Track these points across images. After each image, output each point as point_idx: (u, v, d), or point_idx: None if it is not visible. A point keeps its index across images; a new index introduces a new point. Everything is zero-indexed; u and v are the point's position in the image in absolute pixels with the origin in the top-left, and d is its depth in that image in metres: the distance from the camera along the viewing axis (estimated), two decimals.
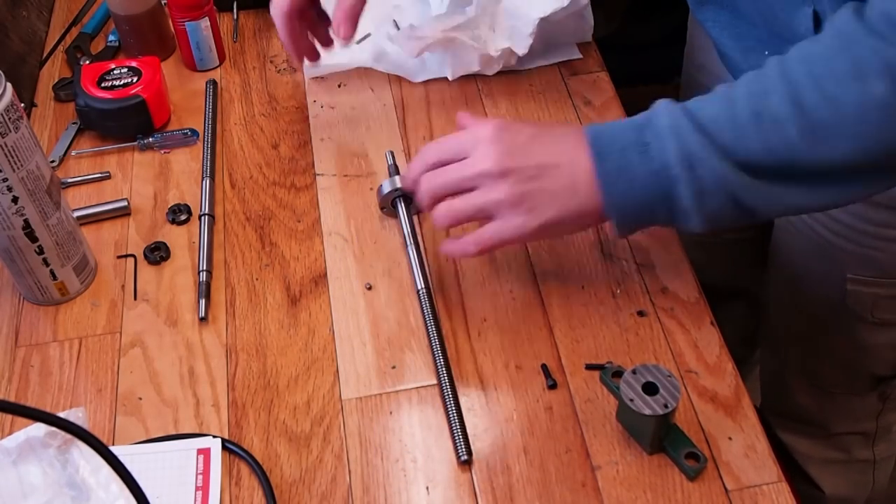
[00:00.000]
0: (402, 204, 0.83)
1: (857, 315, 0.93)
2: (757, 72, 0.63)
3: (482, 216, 0.71)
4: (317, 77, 1.01)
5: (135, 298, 0.81)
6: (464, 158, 0.71)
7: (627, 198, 0.67)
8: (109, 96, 0.93)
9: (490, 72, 0.98)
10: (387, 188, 0.83)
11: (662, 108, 0.66)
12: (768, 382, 0.74)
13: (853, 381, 1.03)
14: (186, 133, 0.95)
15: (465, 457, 0.69)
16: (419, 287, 0.78)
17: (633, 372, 0.66)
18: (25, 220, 0.74)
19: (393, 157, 0.87)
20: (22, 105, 0.71)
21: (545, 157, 0.69)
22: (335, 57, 1.01)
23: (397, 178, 0.82)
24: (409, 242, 0.81)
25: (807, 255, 0.93)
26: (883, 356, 0.98)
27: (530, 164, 0.69)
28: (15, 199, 0.72)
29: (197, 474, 0.69)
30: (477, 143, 0.70)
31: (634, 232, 0.72)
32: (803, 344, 1.04)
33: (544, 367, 0.74)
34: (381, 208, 0.85)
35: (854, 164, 0.62)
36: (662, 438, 0.67)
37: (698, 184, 0.64)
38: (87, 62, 1.03)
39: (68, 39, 1.08)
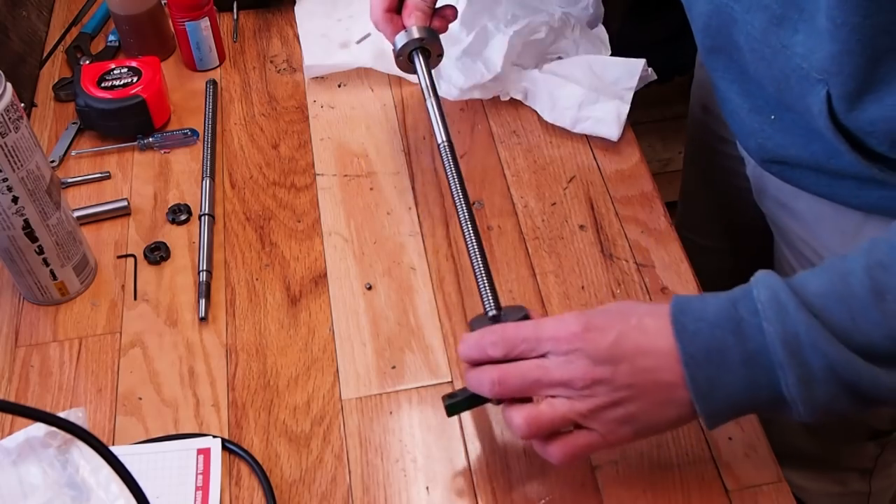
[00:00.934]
0: (420, 57, 0.82)
1: None
2: (733, 126, 0.58)
3: (564, 426, 0.61)
4: (317, 77, 1.01)
5: (135, 298, 0.81)
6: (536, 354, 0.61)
7: (717, 386, 0.56)
8: (109, 96, 0.93)
9: (503, 98, 0.97)
10: (401, 40, 0.81)
11: (761, 279, 0.57)
12: (764, 426, 0.72)
13: (851, 433, 1.03)
14: (186, 133, 0.95)
15: (493, 312, 0.66)
16: (440, 141, 0.77)
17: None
18: (25, 220, 0.74)
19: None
20: (22, 105, 0.71)
21: (636, 360, 0.58)
22: (335, 57, 1.01)
23: (414, 29, 0.81)
24: (427, 95, 0.79)
25: None
26: (880, 413, 0.97)
27: (621, 372, 0.58)
28: (15, 199, 0.72)
29: (197, 474, 0.69)
30: (554, 348, 0.60)
31: (730, 420, 0.60)
32: None
33: None
34: (397, 60, 0.83)
35: None
36: None
37: (805, 371, 0.54)
38: (87, 62, 1.03)
39: (68, 39, 1.08)
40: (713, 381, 0.56)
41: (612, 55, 0.96)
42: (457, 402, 0.65)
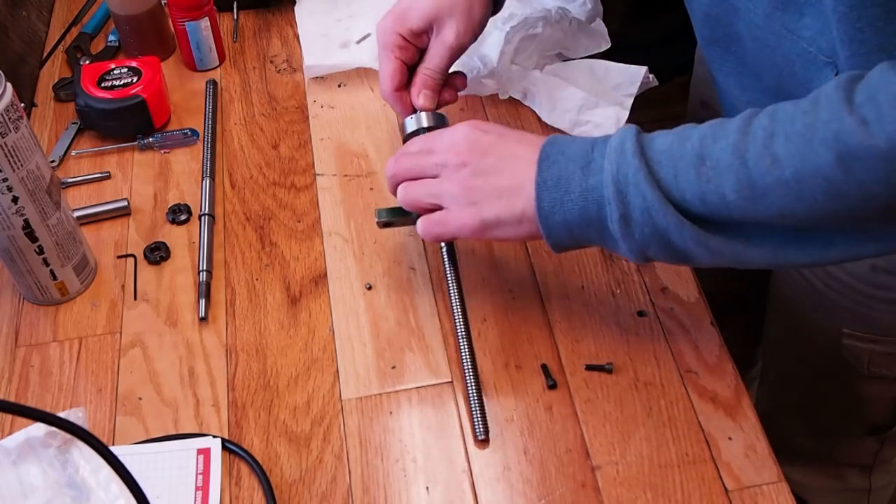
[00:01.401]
0: None
1: (852, 368, 0.92)
2: (729, 117, 0.61)
3: (434, 202, 0.71)
4: (317, 77, 1.01)
5: (135, 298, 0.81)
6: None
7: (557, 209, 0.65)
8: (109, 96, 0.93)
9: (502, 97, 0.97)
10: (410, 126, 0.80)
11: (621, 129, 0.64)
12: (763, 421, 0.73)
13: (850, 428, 1.03)
14: (186, 133, 0.95)
15: (483, 436, 0.70)
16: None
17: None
18: (25, 220, 0.74)
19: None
20: (22, 105, 0.71)
21: (502, 156, 0.69)
22: (335, 57, 1.01)
23: (423, 116, 0.80)
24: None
25: (804, 306, 0.93)
26: (879, 408, 0.98)
27: (486, 161, 0.69)
28: (15, 199, 0.72)
29: (197, 474, 0.69)
30: (448, 138, 0.72)
31: (569, 249, 0.68)
32: (800, 390, 1.04)
33: (544, 368, 0.74)
34: (404, 141, 0.83)
35: (792, 225, 0.59)
36: None
37: (625, 209, 0.61)
38: (87, 62, 1.03)
39: (68, 39, 1.08)
40: (554, 204, 0.65)
41: (611, 57, 0.96)
42: (385, 213, 0.78)
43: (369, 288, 0.81)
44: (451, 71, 0.81)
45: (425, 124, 0.79)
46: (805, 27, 0.66)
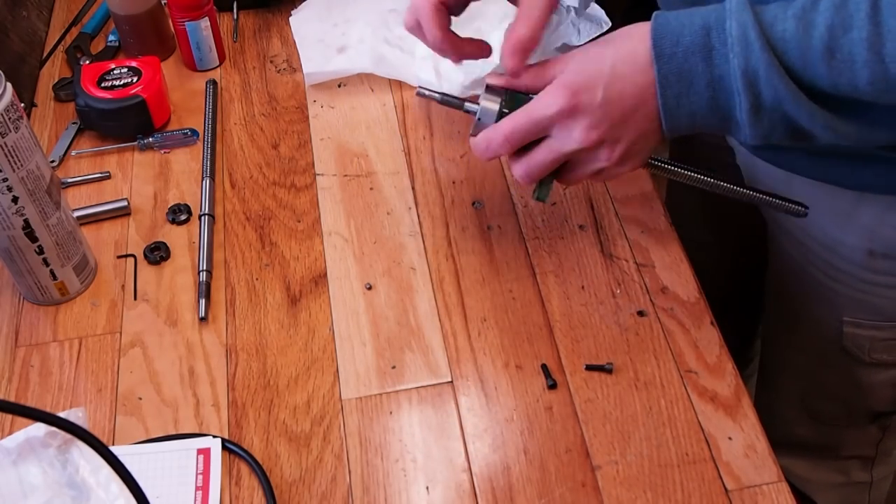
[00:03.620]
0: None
1: (853, 356, 0.92)
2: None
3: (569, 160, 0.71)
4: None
5: (135, 298, 0.81)
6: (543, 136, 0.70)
7: (683, 102, 0.64)
8: (109, 96, 0.93)
9: None
10: (492, 106, 0.72)
11: (734, 11, 0.62)
12: (764, 413, 0.73)
13: (852, 416, 1.03)
14: (186, 133, 0.95)
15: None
16: None
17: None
18: (25, 220, 0.74)
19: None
20: (22, 105, 0.71)
21: (625, 107, 0.66)
22: (334, 62, 1.01)
23: (490, 95, 0.72)
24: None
25: (803, 295, 0.93)
26: (881, 394, 0.98)
27: (616, 123, 0.67)
28: (15, 199, 0.72)
29: (197, 474, 0.69)
30: (554, 124, 0.68)
31: (682, 134, 0.68)
32: (801, 380, 1.04)
33: (544, 367, 0.74)
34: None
35: None
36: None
37: (756, 100, 0.62)
38: (87, 62, 1.03)
39: (68, 39, 1.08)
40: (680, 98, 0.64)
41: None
42: (544, 191, 0.74)
43: (369, 288, 0.81)
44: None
45: (497, 104, 0.72)
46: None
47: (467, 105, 0.74)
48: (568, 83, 0.67)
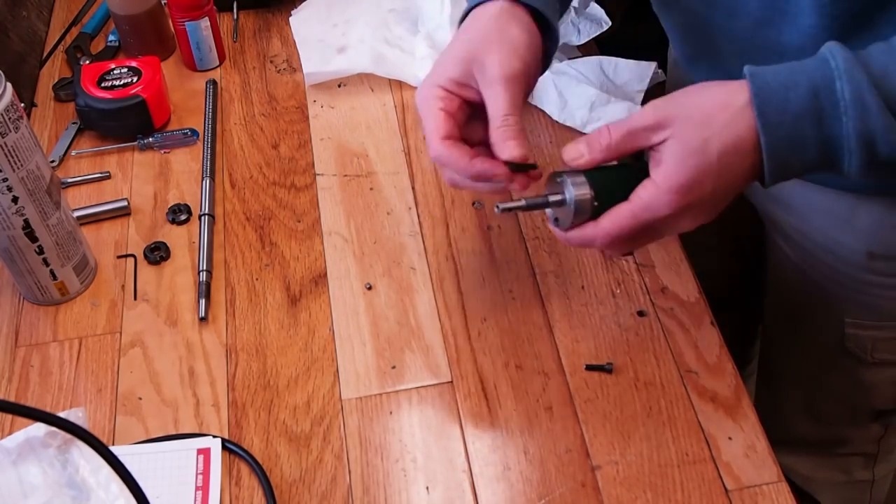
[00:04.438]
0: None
1: (856, 356, 0.92)
2: None
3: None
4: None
5: (135, 298, 0.81)
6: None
7: (790, 164, 0.61)
8: (109, 96, 0.93)
9: None
10: (572, 202, 0.65)
11: (843, 69, 0.58)
12: (764, 414, 0.73)
13: (854, 415, 1.03)
14: (186, 133, 0.95)
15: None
16: None
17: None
18: (25, 220, 0.74)
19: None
20: (22, 105, 0.71)
21: (730, 188, 0.64)
22: (334, 62, 1.01)
23: (569, 181, 0.65)
24: None
25: (804, 297, 0.93)
26: (884, 393, 0.98)
27: (720, 201, 0.64)
28: (15, 199, 0.72)
29: (197, 474, 0.69)
30: (661, 222, 0.64)
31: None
32: (802, 381, 1.04)
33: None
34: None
35: None
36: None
37: (871, 158, 0.60)
38: (87, 62, 1.03)
39: (68, 39, 1.08)
40: (788, 163, 0.61)
41: (613, 55, 0.96)
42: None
43: (369, 288, 0.81)
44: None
45: (588, 194, 0.64)
46: (786, 43, 0.67)
47: (552, 198, 0.66)
48: (677, 186, 0.62)
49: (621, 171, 0.65)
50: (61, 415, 0.59)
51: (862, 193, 0.78)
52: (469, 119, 0.69)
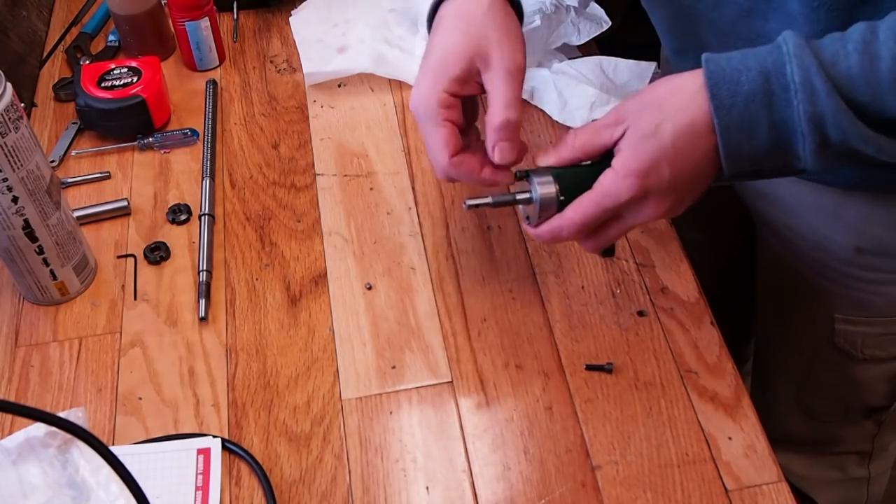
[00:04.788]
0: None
1: (846, 352, 0.93)
2: None
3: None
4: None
5: (135, 298, 0.81)
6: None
7: (745, 149, 0.62)
8: (109, 96, 0.93)
9: None
10: (546, 196, 0.67)
11: (793, 54, 0.60)
12: (760, 412, 0.73)
13: (847, 412, 1.03)
14: (186, 133, 0.95)
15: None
16: None
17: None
18: (25, 220, 0.74)
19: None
20: (22, 105, 0.71)
21: (689, 178, 0.65)
22: (334, 63, 1.01)
23: (537, 180, 0.67)
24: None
25: (794, 294, 0.93)
26: (875, 389, 0.98)
27: (683, 193, 0.66)
28: (15, 199, 0.72)
29: (197, 474, 0.69)
30: (623, 209, 0.65)
31: (742, 174, 0.66)
32: (794, 379, 1.04)
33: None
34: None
35: None
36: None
37: (823, 140, 0.60)
38: (87, 62, 1.03)
39: (68, 39, 1.08)
40: (741, 145, 0.62)
41: (611, 55, 0.96)
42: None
43: (369, 288, 0.81)
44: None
45: (553, 190, 0.67)
46: (773, 31, 0.67)
47: (519, 196, 0.69)
48: (633, 169, 0.63)
49: (587, 168, 0.67)
50: (61, 415, 0.59)
51: (848, 188, 0.78)
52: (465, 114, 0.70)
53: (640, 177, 0.63)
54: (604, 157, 0.66)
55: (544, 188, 0.67)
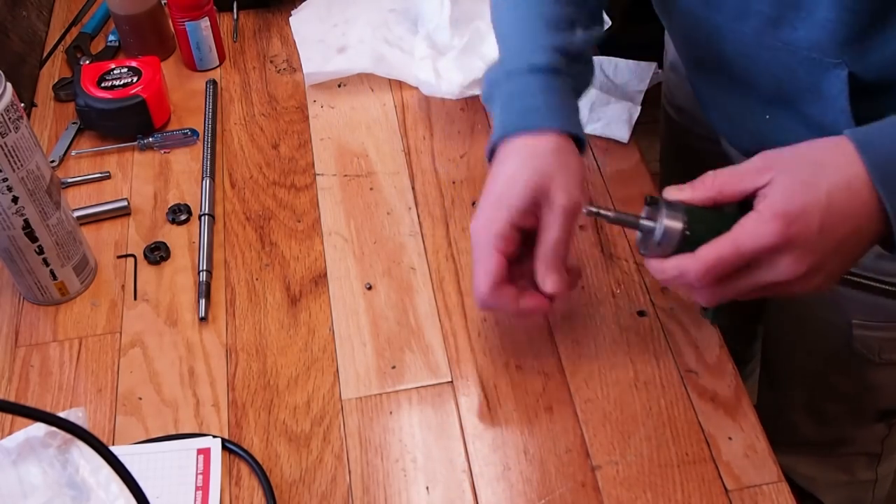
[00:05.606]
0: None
1: (863, 357, 0.92)
2: (724, 122, 0.59)
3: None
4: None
5: (135, 298, 0.81)
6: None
7: None
8: (109, 96, 0.93)
9: None
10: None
11: None
12: (767, 415, 0.72)
13: (859, 415, 1.03)
14: (186, 133, 0.95)
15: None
16: None
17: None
18: (25, 220, 0.74)
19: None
20: (22, 105, 0.71)
21: (839, 237, 0.59)
22: (334, 62, 1.01)
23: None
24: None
25: (810, 298, 0.93)
26: (890, 393, 0.98)
27: (829, 253, 0.59)
28: (15, 199, 0.72)
29: (197, 474, 0.69)
30: (762, 258, 0.60)
31: None
32: (807, 383, 1.04)
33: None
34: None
35: None
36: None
37: None
38: (87, 62, 1.03)
39: (68, 39, 1.08)
40: None
41: (613, 55, 0.96)
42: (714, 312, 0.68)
43: (369, 288, 0.81)
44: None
45: (680, 225, 0.62)
46: (801, 39, 0.66)
47: (643, 223, 0.64)
48: (780, 212, 0.58)
49: (722, 212, 0.63)
50: (61, 415, 0.59)
51: None
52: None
53: (787, 222, 0.58)
54: (740, 206, 0.61)
55: (671, 221, 0.62)
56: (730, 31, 0.72)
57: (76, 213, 0.85)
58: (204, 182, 0.90)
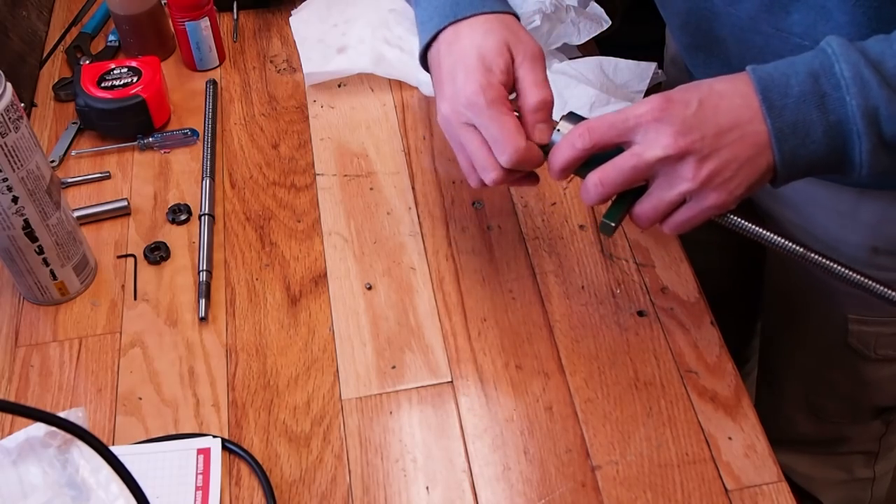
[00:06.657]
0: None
1: (859, 352, 0.92)
2: None
3: (674, 207, 0.64)
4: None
5: (135, 298, 0.81)
6: (625, 142, 0.63)
7: (800, 153, 0.61)
8: (109, 96, 0.93)
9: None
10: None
11: (839, 53, 0.59)
12: (765, 413, 0.72)
13: (856, 412, 1.03)
14: (186, 133, 0.95)
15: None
16: None
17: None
18: (25, 220, 0.74)
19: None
20: (22, 105, 0.71)
21: (720, 122, 0.61)
22: (334, 63, 1.01)
23: (565, 125, 0.66)
24: None
25: (806, 294, 0.93)
26: (886, 389, 0.98)
27: (708, 136, 0.60)
28: (15, 199, 0.72)
29: (197, 474, 0.69)
30: (641, 126, 0.61)
31: (795, 180, 0.64)
32: (804, 379, 1.04)
33: None
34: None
35: None
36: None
37: (878, 139, 0.59)
38: (87, 62, 1.03)
39: (68, 39, 1.08)
40: (797, 149, 0.61)
41: (613, 55, 0.96)
42: (609, 216, 0.66)
43: (369, 288, 0.81)
44: None
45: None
46: (795, 23, 0.66)
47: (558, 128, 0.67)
48: (663, 94, 0.62)
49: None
50: (61, 415, 0.59)
51: (864, 188, 0.78)
52: None
53: (666, 97, 0.61)
54: None
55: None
56: (725, 14, 0.72)
57: (76, 213, 0.85)
58: (204, 182, 0.90)
